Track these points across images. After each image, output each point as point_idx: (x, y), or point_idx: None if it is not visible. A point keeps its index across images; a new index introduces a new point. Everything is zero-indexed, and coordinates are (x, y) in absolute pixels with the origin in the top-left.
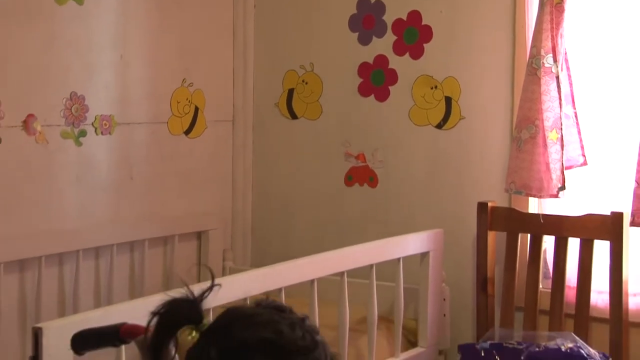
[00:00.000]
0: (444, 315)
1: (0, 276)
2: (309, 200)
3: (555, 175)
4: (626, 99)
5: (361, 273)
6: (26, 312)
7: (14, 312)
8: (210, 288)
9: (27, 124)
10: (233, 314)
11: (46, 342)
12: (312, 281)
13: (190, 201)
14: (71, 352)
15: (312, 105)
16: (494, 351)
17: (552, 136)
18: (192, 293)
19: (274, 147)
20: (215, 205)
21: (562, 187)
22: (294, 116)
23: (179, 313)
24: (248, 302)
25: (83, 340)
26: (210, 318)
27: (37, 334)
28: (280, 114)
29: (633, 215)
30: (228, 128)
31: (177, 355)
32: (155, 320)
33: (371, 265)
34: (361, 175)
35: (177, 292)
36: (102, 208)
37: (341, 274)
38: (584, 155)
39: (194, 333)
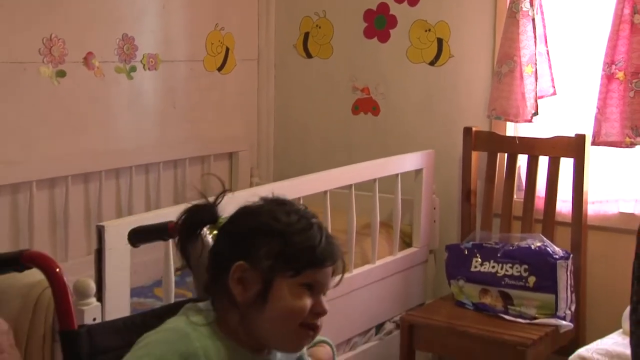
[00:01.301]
0: (434, 221)
1: (68, 186)
2: (321, 126)
3: (530, 103)
4: (590, 38)
5: (366, 186)
6: (90, 215)
7: (81, 215)
8: (222, 193)
9: (87, 60)
10: (240, 209)
11: (108, 237)
12: (325, 192)
13: (223, 127)
14: (128, 245)
15: (324, 46)
16: (475, 250)
17: (527, 70)
18: (207, 199)
19: (292, 82)
20: (243, 131)
21: (535, 113)
22: (309, 56)
23: (197, 215)
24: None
25: (138, 235)
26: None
27: (100, 231)
28: (298, 54)
29: (594, 136)
30: (254, 66)
31: (204, 252)
32: (181, 221)
33: (374, 180)
34: (366, 105)
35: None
36: (150, 131)
37: (349, 186)
38: (553, 87)
39: (214, 231)
